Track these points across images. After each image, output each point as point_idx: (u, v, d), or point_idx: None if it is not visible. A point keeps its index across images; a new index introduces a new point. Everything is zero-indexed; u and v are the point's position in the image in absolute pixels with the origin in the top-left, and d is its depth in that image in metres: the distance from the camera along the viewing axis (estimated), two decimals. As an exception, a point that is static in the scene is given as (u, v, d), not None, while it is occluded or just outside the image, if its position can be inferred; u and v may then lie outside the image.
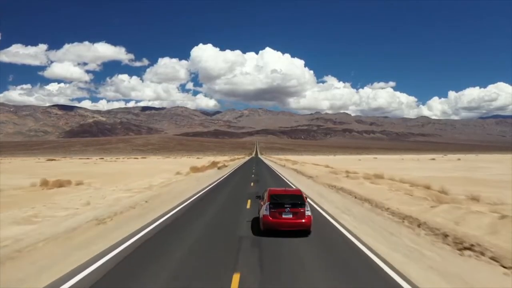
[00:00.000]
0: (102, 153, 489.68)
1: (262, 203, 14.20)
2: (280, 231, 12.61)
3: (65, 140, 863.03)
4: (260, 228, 13.24)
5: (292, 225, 12.66)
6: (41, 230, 12.87)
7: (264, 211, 13.06)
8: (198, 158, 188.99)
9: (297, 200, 13.24)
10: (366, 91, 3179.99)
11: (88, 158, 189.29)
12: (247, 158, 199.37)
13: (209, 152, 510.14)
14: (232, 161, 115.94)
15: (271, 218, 12.69)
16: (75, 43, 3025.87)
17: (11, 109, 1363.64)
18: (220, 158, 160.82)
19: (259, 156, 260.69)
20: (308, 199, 15.58)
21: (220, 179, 40.31)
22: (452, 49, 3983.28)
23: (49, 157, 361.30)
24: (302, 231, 12.80)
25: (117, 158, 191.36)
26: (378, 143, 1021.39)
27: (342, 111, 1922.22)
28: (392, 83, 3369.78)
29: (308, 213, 12.94)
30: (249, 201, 20.87)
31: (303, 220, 12.70)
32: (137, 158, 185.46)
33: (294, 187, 27.14)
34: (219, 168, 60.85)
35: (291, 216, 12.69)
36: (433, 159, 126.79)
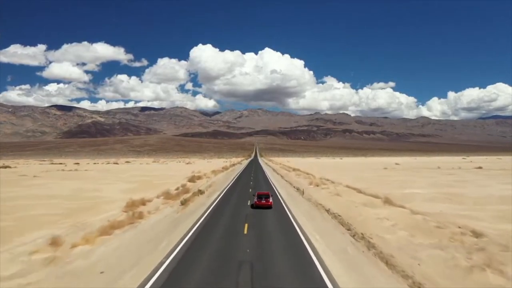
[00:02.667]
0: (96, 154, 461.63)
1: (254, 196, 31.70)
2: (260, 207, 29.26)
3: (61, 141, 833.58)
4: (253, 205, 30.20)
5: (264, 205, 29.39)
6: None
7: (254, 199, 30.56)
8: (188, 163, 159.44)
9: (267, 195, 30.90)
10: (366, 91, 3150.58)
11: (61, 163, 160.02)
12: (245, 163, 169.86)
13: (207, 154, 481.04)
14: (222, 171, 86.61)
15: (257, 202, 29.75)
16: (74, 43, 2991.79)
17: (9, 110, 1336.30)
18: (212, 164, 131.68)
19: (259, 159, 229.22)
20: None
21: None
22: (451, 50, 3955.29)
23: (40, 159, 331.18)
24: (269, 207, 29.54)
25: (94, 163, 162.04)
26: (379, 144, 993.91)
27: (341, 112, 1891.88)
28: (391, 84, 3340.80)
29: (271, 200, 30.21)
30: None
31: (269, 203, 29.61)
32: (116, 164, 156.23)
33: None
34: (183, 204, 31.15)
35: (264, 201, 29.67)
36: (480, 167, 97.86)
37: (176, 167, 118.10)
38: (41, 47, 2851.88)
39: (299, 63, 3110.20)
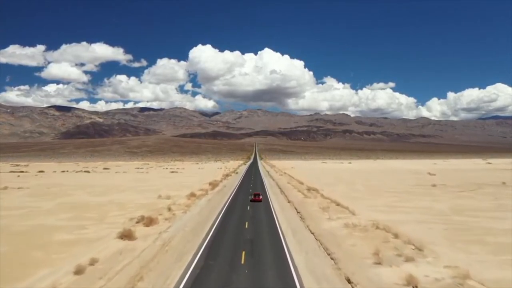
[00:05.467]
0: (90, 156, 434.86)
1: (252, 194, 53.20)
2: (255, 201, 48.08)
3: (57, 142, 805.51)
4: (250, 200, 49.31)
5: (257, 200, 48.99)
6: None
7: (251, 196, 51.35)
8: (173, 171, 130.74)
9: (259, 194, 51.36)
10: (365, 92, 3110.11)
11: (21, 172, 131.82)
12: (242, 170, 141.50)
13: (204, 155, 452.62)
14: (206, 193, 58.22)
15: (253, 198, 50.00)
16: (73, 44, 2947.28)
17: (8, 110, 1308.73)
18: (203, 172, 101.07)
19: (259, 164, 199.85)
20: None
21: None
22: (451, 50, 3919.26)
23: (26, 161, 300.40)
24: (260, 201, 48.36)
25: (62, 171, 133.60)
26: (380, 145, 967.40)
27: (341, 112, 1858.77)
28: (391, 84, 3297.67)
29: (261, 197, 50.60)
30: None
31: (260, 199, 49.49)
32: (88, 172, 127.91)
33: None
34: None
35: (257, 198, 49.68)
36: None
37: (150, 181, 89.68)
38: (40, 47, 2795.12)
39: (299, 63, 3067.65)
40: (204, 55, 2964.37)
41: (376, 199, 50.58)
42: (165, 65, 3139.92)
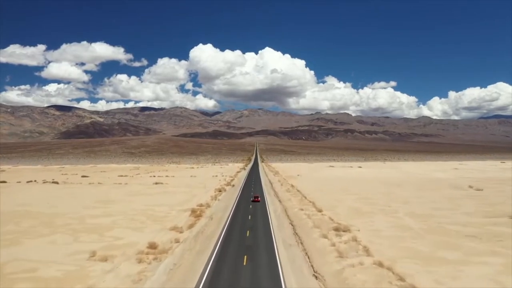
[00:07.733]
0: (86, 157, 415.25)
1: (253, 196, 66.93)
2: (255, 202, 61.73)
3: (55, 142, 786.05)
4: (251, 201, 63.03)
5: (257, 201, 62.98)
6: None
7: (252, 198, 65.89)
8: (157, 183, 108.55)
9: (257, 196, 65.51)
10: (366, 91, 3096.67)
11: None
12: (241, 180, 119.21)
13: (204, 156, 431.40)
14: (177, 242, 36.11)
15: (253, 199, 64.15)
16: (73, 43, 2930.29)
17: (8, 110, 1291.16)
18: (195, 182, 78.06)
19: (260, 171, 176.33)
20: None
21: None
22: (452, 49, 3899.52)
23: (13, 164, 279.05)
24: (259, 202, 61.92)
25: (29, 181, 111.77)
26: (382, 144, 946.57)
27: (342, 111, 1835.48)
28: (393, 83, 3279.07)
29: (260, 198, 64.53)
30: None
31: (258, 200, 63.49)
32: (56, 183, 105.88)
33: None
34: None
35: (256, 199, 63.56)
36: None
37: (116, 203, 67.34)
38: (40, 47, 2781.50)
39: (300, 63, 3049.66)
40: (205, 55, 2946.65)
41: (464, 263, 28.06)
42: (165, 64, 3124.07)
